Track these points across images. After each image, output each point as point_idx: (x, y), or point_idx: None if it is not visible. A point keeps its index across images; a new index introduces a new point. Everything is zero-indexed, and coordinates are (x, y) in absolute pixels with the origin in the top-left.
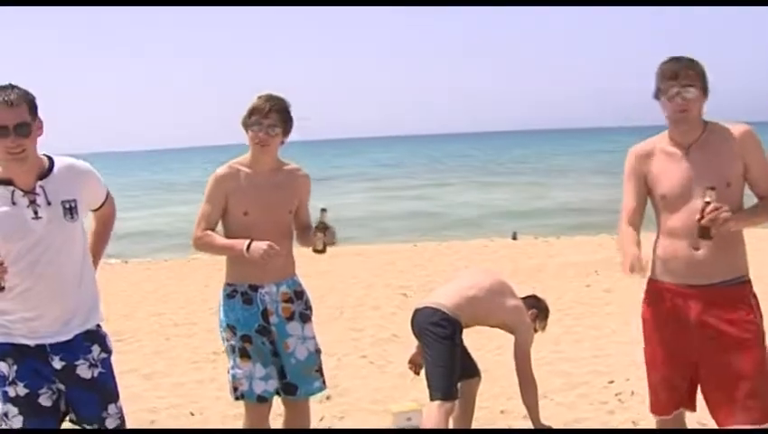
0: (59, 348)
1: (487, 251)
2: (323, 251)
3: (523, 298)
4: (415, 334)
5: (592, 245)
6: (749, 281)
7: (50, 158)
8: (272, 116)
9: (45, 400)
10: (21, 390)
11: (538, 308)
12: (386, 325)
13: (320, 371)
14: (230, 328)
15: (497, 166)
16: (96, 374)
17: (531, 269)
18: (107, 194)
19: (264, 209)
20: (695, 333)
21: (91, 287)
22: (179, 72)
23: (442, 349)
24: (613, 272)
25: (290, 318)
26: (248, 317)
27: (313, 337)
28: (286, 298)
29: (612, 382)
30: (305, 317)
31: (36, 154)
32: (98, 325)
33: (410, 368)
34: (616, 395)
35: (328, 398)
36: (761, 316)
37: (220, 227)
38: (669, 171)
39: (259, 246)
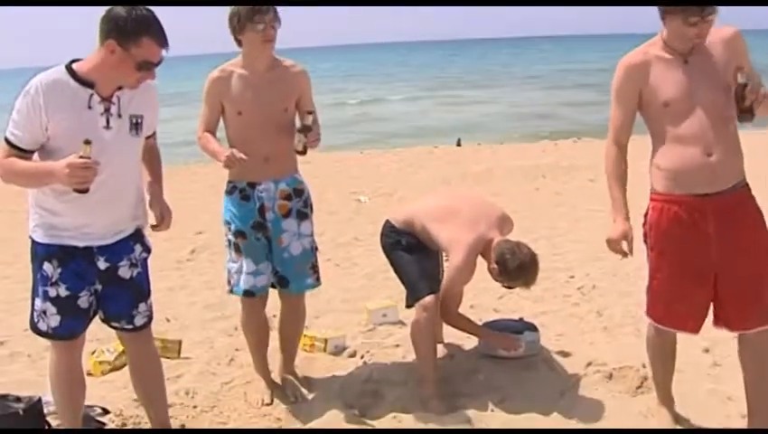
0: (105, 249)
1: (433, 157)
2: (303, 152)
3: (500, 240)
4: None
5: (535, 151)
6: (748, 184)
7: None
8: (273, 11)
9: (83, 303)
10: (62, 291)
11: (502, 267)
12: (345, 230)
13: (314, 268)
14: (227, 223)
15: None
16: (134, 274)
17: (480, 174)
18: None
19: (257, 108)
20: (714, 243)
21: (140, 196)
22: None
23: (395, 257)
24: (559, 175)
25: (286, 215)
26: (244, 213)
27: (310, 235)
28: (285, 195)
29: (572, 276)
30: (302, 215)
31: None
32: (140, 226)
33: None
34: (578, 289)
35: None
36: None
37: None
38: (671, 78)
39: (223, 154)
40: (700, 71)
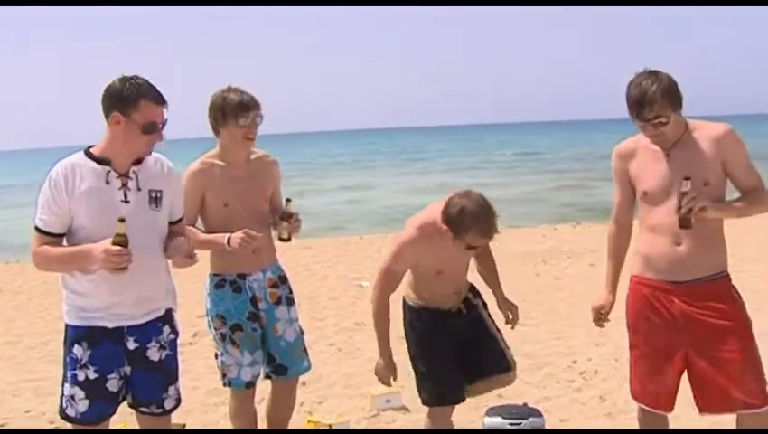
0: (134, 330)
1: None
2: (287, 240)
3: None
4: None
5: (535, 235)
6: (728, 275)
7: None
8: (257, 109)
9: (112, 386)
10: (91, 374)
11: (447, 222)
12: (347, 315)
13: (305, 350)
14: (220, 317)
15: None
16: (163, 356)
17: None
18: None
19: (243, 199)
20: (681, 327)
21: (167, 275)
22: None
23: (409, 345)
24: (559, 261)
25: (277, 303)
26: (238, 305)
27: (298, 319)
28: (272, 284)
29: (575, 361)
30: (290, 301)
31: None
32: (170, 309)
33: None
34: (581, 374)
35: (304, 384)
36: (742, 305)
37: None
38: (652, 169)
39: (237, 236)
40: (682, 164)
